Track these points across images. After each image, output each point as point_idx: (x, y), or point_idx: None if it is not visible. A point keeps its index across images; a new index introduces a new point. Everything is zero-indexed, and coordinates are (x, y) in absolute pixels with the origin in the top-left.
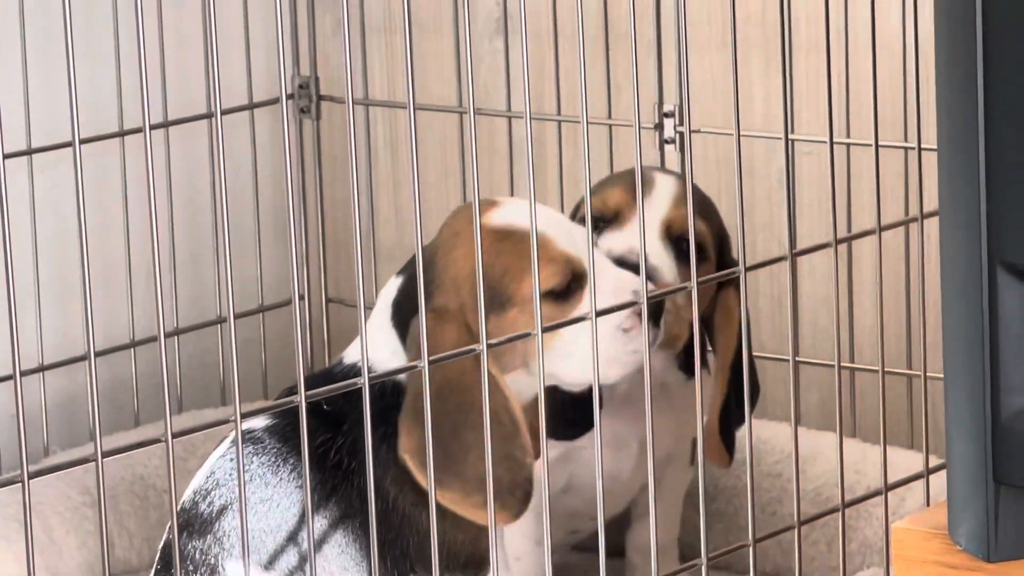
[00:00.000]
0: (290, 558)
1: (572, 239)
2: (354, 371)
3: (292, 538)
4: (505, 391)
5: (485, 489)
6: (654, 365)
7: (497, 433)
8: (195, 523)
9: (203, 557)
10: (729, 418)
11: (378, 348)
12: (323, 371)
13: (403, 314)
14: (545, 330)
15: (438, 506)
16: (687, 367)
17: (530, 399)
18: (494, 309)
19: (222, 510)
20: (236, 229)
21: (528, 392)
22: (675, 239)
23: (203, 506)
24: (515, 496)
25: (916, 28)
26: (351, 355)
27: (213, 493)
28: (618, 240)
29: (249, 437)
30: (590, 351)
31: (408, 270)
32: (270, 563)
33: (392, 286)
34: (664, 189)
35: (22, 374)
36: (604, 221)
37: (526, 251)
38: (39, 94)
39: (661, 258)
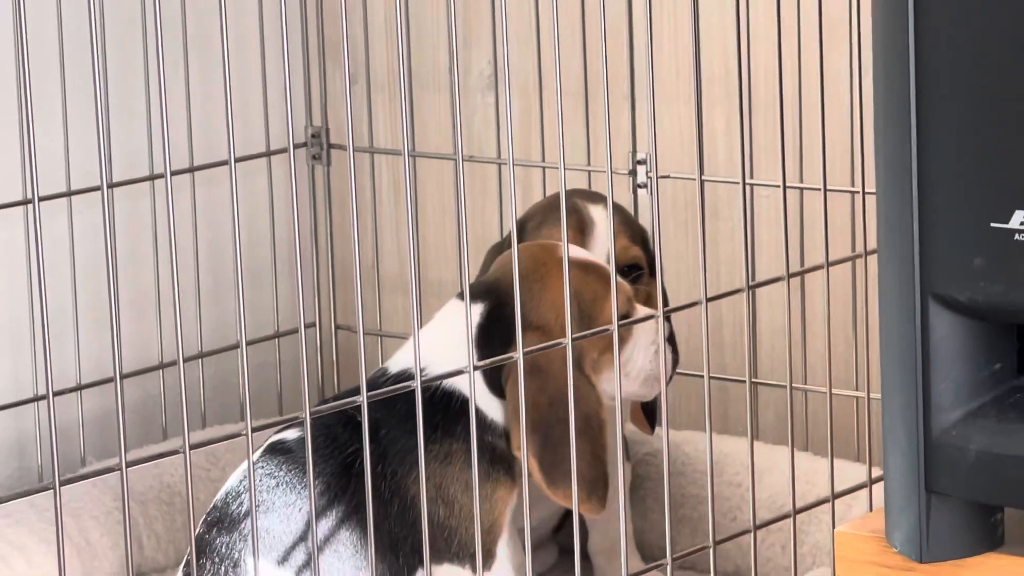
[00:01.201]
0: (305, 558)
1: None
2: (405, 377)
3: (305, 539)
4: (600, 398)
5: (586, 485)
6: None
7: (588, 435)
8: (224, 520)
9: (228, 551)
10: (653, 414)
11: (449, 363)
12: (369, 380)
13: (491, 334)
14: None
15: (446, 501)
16: None
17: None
18: (585, 328)
19: (248, 511)
20: (255, 263)
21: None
22: (619, 269)
23: (233, 506)
24: (600, 489)
25: (861, 86)
26: (397, 364)
27: (243, 495)
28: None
29: (281, 448)
30: (639, 370)
31: (479, 299)
32: (283, 560)
33: (463, 311)
34: (602, 226)
35: (57, 393)
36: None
37: (607, 281)
38: (81, 141)
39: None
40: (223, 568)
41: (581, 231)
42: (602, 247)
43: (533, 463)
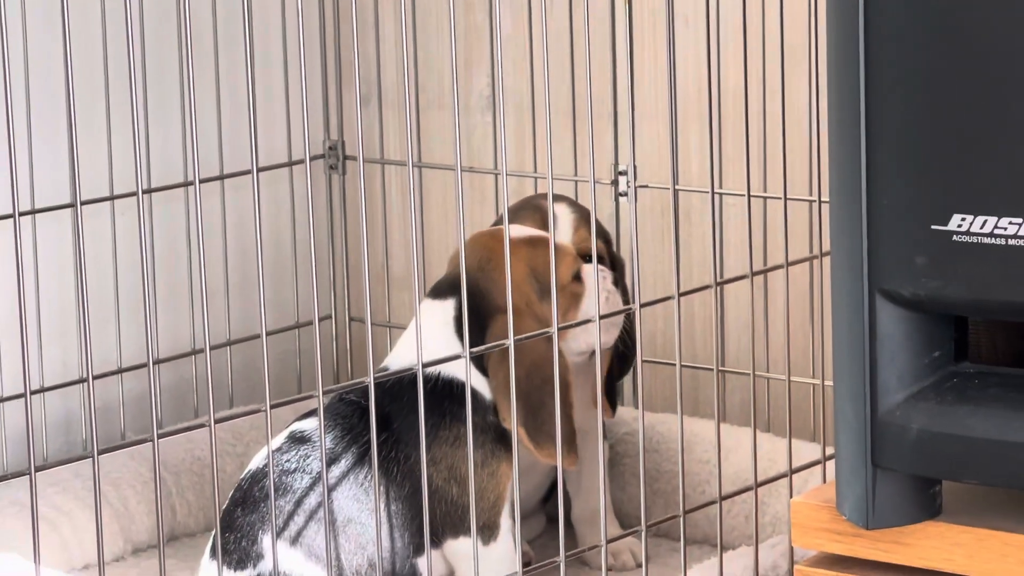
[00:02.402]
0: (319, 536)
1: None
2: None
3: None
4: (567, 362)
5: (564, 442)
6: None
7: (565, 399)
8: (248, 500)
9: (248, 529)
10: (612, 380)
11: (438, 355)
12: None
13: (469, 325)
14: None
15: (458, 480)
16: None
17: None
18: (546, 296)
19: (267, 494)
20: (278, 261)
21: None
22: (583, 256)
23: (255, 489)
24: (573, 443)
25: (818, 106)
26: (397, 360)
27: (264, 480)
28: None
29: (300, 437)
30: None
31: (447, 295)
32: (295, 540)
33: (441, 308)
34: (565, 221)
35: (99, 376)
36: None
37: (560, 257)
38: (124, 151)
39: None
40: (244, 543)
41: (544, 226)
42: (564, 239)
43: (520, 429)
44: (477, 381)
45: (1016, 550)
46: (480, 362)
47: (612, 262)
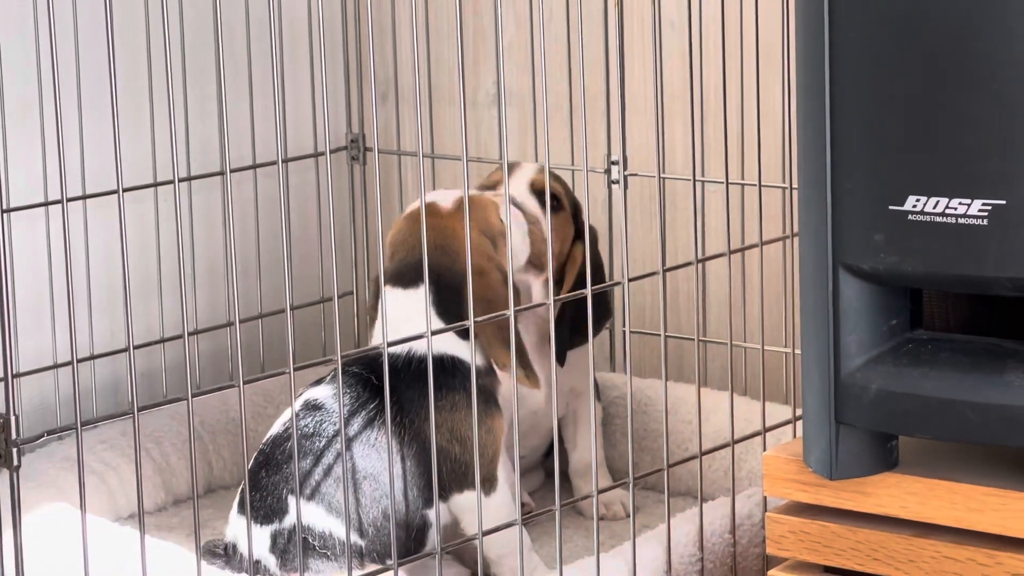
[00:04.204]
0: (338, 492)
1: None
2: (407, 353)
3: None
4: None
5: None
6: (541, 313)
7: (502, 333)
8: (272, 462)
9: (273, 488)
10: (563, 341)
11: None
12: (375, 356)
13: (448, 303)
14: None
15: (460, 440)
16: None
17: None
18: (497, 242)
19: (289, 456)
20: (305, 243)
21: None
22: (537, 192)
23: (278, 453)
24: (531, 369)
25: (789, 101)
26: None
27: (286, 444)
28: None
29: (315, 404)
30: (517, 249)
31: (418, 283)
32: (317, 497)
33: (415, 294)
34: (527, 167)
35: (141, 345)
36: (490, 188)
37: (486, 201)
38: (164, 142)
39: (527, 201)
40: (269, 500)
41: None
42: (524, 176)
43: (495, 350)
44: (465, 351)
45: (964, 498)
46: (465, 332)
47: (575, 217)
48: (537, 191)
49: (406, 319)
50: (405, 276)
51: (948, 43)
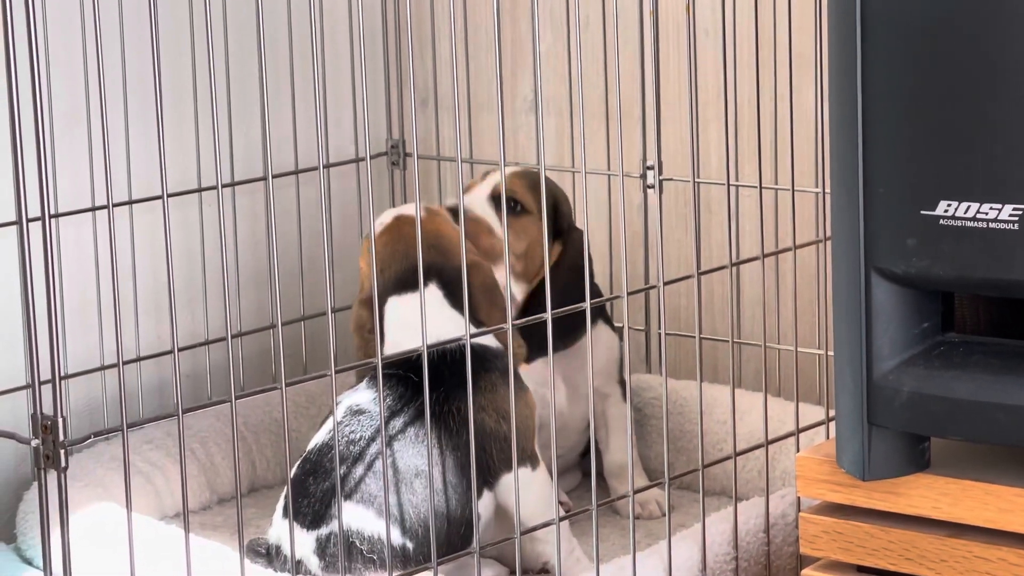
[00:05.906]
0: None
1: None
2: (441, 352)
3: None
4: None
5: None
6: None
7: (495, 299)
8: (318, 471)
9: (321, 495)
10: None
11: (450, 330)
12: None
13: (457, 294)
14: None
15: (502, 416)
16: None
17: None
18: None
19: (332, 464)
20: (345, 246)
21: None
22: (495, 198)
23: (325, 460)
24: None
25: (822, 106)
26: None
27: (331, 453)
28: (467, 198)
29: (358, 410)
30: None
31: (426, 285)
32: (362, 499)
33: (426, 295)
34: (495, 175)
35: (185, 348)
36: (466, 191)
37: (453, 213)
38: (209, 148)
39: (485, 211)
40: (317, 506)
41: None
42: (489, 183)
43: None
44: (485, 338)
45: (996, 499)
46: (481, 323)
47: (555, 214)
48: (496, 197)
49: (430, 321)
50: (409, 281)
51: (978, 50)
